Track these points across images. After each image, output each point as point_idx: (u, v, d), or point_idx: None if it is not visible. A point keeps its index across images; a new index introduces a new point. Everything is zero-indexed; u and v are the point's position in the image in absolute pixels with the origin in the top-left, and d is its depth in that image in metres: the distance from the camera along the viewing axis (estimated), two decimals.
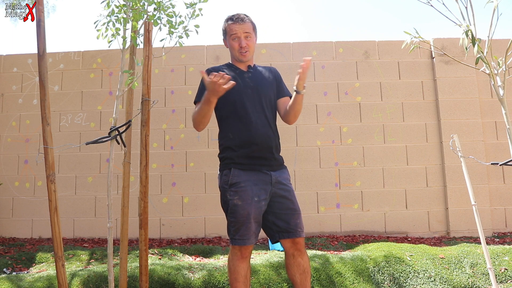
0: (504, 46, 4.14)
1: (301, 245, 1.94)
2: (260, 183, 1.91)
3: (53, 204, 1.73)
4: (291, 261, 1.95)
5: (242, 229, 1.87)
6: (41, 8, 1.74)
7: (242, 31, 1.99)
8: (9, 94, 4.57)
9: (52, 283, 2.61)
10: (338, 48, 4.54)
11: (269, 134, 1.98)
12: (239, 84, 1.98)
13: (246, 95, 1.98)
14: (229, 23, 2.03)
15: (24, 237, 4.34)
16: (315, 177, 4.33)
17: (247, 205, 1.86)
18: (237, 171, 1.91)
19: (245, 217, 1.86)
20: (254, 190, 1.88)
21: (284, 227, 1.91)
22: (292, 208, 1.94)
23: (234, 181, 1.90)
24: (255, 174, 1.92)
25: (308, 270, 1.97)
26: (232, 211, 1.88)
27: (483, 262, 2.94)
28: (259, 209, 1.88)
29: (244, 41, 1.99)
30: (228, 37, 2.04)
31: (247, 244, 1.88)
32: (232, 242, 1.91)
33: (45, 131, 1.75)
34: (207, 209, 4.29)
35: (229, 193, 1.90)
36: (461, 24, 1.86)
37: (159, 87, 4.47)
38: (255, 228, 1.89)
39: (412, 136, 4.39)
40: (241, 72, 2.05)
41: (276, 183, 1.94)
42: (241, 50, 2.00)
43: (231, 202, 1.89)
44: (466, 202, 4.21)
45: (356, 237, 4.11)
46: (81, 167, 4.40)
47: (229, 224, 1.92)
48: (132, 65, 2.16)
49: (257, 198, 1.87)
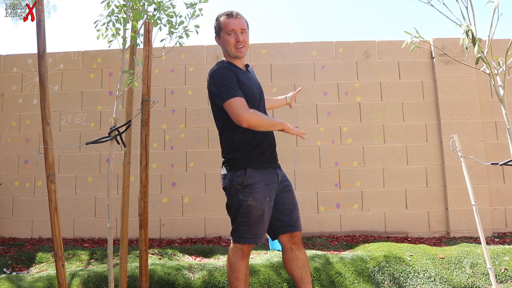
0: (504, 46, 4.14)
1: (299, 239, 1.99)
2: (270, 183, 1.95)
3: (53, 204, 1.73)
4: (290, 256, 1.97)
5: (254, 228, 1.90)
6: (41, 8, 1.74)
7: (238, 27, 1.98)
8: (9, 94, 4.57)
9: (52, 283, 2.61)
10: (338, 48, 4.54)
11: (272, 132, 2.06)
12: (250, 85, 2.01)
13: (254, 95, 2.01)
14: (223, 18, 2.00)
15: (24, 237, 4.34)
16: (315, 177, 4.33)
17: (261, 206, 1.89)
18: (252, 172, 1.92)
19: (259, 217, 1.89)
20: (266, 190, 1.92)
21: (287, 221, 1.97)
22: (293, 203, 2.03)
23: (249, 182, 1.90)
24: (266, 175, 1.96)
25: (307, 263, 1.99)
26: (246, 212, 1.89)
27: (483, 262, 2.93)
28: (270, 209, 1.94)
29: (240, 36, 1.97)
30: (223, 33, 2.00)
31: (258, 242, 1.93)
32: (241, 241, 1.91)
33: (45, 131, 1.75)
34: (207, 209, 4.29)
35: (243, 194, 1.90)
36: (461, 24, 1.86)
37: (159, 87, 4.47)
38: (266, 227, 1.95)
39: (412, 136, 4.39)
40: (246, 72, 2.07)
41: (280, 182, 2.02)
42: (237, 45, 1.98)
43: (245, 203, 1.89)
44: (466, 202, 4.20)
45: (356, 237, 4.11)
46: (81, 167, 4.40)
47: (239, 223, 1.91)
48: (132, 65, 2.16)
49: (269, 199, 1.93)
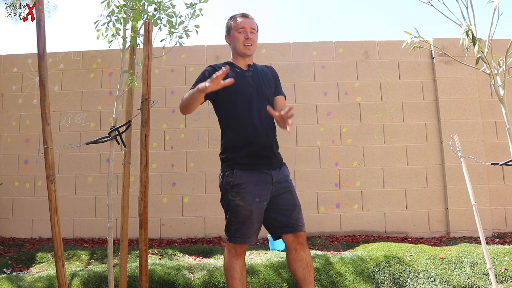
0: (505, 46, 4.14)
1: (303, 239, 1.97)
2: (261, 183, 1.93)
3: (53, 204, 1.73)
4: (294, 256, 1.96)
5: (243, 229, 1.90)
6: (41, 8, 1.74)
7: (249, 26, 2.04)
8: (9, 94, 4.57)
9: (52, 283, 2.60)
10: (338, 48, 4.54)
11: (268, 132, 2.01)
12: (240, 83, 1.99)
13: (247, 94, 2.00)
14: (236, 17, 2.08)
15: (24, 237, 4.34)
16: (315, 177, 4.33)
17: (249, 206, 1.89)
18: (239, 172, 1.93)
19: (247, 218, 1.89)
20: (255, 191, 1.90)
21: (286, 222, 1.94)
22: (292, 204, 1.98)
23: (236, 182, 1.92)
24: (257, 175, 1.94)
25: (311, 264, 1.98)
26: (234, 211, 1.91)
27: (483, 262, 2.93)
28: (260, 210, 1.91)
29: (250, 34, 2.04)
30: (233, 31, 2.06)
31: (247, 242, 1.93)
32: (232, 240, 1.93)
33: (45, 131, 1.75)
34: (207, 209, 4.29)
35: (231, 194, 1.92)
36: (461, 24, 1.86)
37: (159, 87, 4.46)
38: (256, 228, 1.93)
39: (412, 136, 4.39)
40: (242, 71, 2.06)
41: (276, 183, 1.97)
42: (246, 42, 2.03)
43: (233, 203, 1.91)
44: (466, 202, 4.20)
45: (356, 237, 4.11)
46: (81, 167, 4.40)
47: (229, 223, 1.94)
48: (132, 65, 2.16)
49: (259, 199, 1.90)
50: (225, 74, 1.71)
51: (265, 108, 2.02)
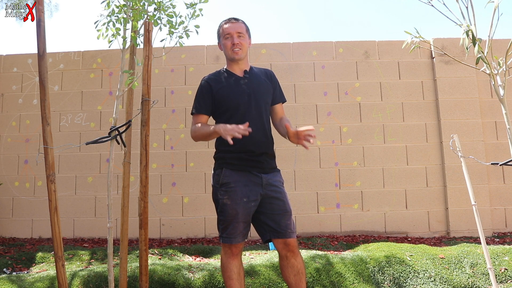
0: (505, 46, 4.14)
1: (294, 246, 1.94)
2: (250, 184, 1.93)
3: (53, 204, 1.73)
4: (285, 263, 1.96)
5: (229, 228, 1.92)
6: (41, 8, 1.74)
7: (234, 30, 2.04)
8: (9, 94, 4.57)
9: (52, 283, 2.61)
10: (338, 48, 4.54)
11: (262, 140, 2.00)
12: (235, 92, 2.00)
13: (242, 102, 1.99)
14: (222, 25, 2.09)
15: (24, 237, 4.34)
16: (315, 177, 4.33)
17: (236, 205, 1.90)
18: (228, 171, 1.95)
19: (233, 217, 1.91)
20: (243, 191, 1.91)
21: (274, 228, 1.93)
22: (283, 209, 1.95)
23: (224, 181, 1.94)
24: (246, 175, 1.95)
25: (303, 271, 1.96)
26: (221, 210, 1.94)
27: (483, 262, 2.93)
28: (247, 210, 1.92)
29: (236, 39, 2.03)
30: (222, 38, 2.08)
31: (233, 242, 1.93)
32: (221, 240, 1.97)
33: (45, 131, 1.75)
34: (207, 209, 4.29)
35: (220, 192, 1.95)
36: (461, 24, 1.86)
37: (159, 87, 4.47)
38: (242, 228, 1.94)
39: (412, 136, 4.39)
40: (237, 78, 2.05)
41: (267, 185, 1.96)
42: (233, 48, 2.02)
43: (221, 201, 1.94)
44: (466, 202, 4.21)
45: (356, 237, 4.11)
46: (81, 167, 4.40)
47: (218, 222, 1.99)
48: (132, 65, 2.16)
49: (246, 199, 1.91)
50: (245, 131, 1.77)
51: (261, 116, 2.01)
